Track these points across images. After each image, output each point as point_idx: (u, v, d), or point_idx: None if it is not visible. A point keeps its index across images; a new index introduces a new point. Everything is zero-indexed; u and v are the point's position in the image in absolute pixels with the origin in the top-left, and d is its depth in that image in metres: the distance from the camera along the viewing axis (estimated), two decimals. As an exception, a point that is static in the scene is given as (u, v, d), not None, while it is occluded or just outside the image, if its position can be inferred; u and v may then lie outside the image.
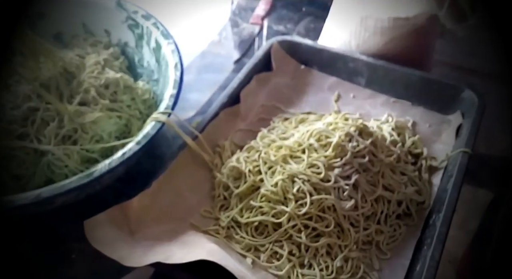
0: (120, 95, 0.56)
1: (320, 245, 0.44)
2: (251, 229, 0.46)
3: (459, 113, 0.56)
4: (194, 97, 0.68)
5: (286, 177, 0.46)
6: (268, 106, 0.61)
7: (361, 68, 0.62)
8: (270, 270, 0.43)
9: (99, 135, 0.52)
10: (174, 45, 0.55)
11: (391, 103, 0.61)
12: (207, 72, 0.74)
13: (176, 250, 0.41)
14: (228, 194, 0.49)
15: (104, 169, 0.44)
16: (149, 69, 0.61)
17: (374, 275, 0.43)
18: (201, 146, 0.51)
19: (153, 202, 0.46)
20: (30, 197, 0.41)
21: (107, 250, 0.39)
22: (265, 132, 0.55)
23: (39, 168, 0.50)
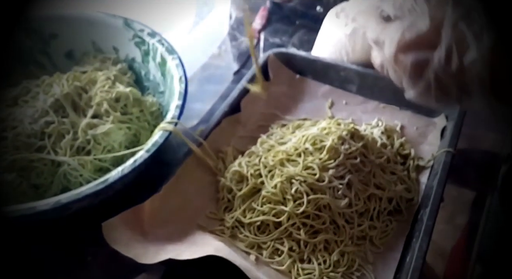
0: (130, 108, 0.58)
1: (318, 241, 0.45)
2: (254, 228, 0.48)
3: (443, 116, 0.58)
4: (197, 107, 0.70)
5: (284, 179, 0.48)
6: (267, 114, 0.63)
7: (352, 76, 0.64)
8: (272, 265, 0.45)
9: (111, 146, 0.54)
10: (178, 60, 0.57)
11: (380, 109, 0.63)
12: (208, 83, 0.76)
13: (186, 248, 0.42)
14: (232, 196, 0.51)
15: (117, 175, 0.45)
16: (155, 83, 0.63)
17: (368, 268, 0.45)
18: (205, 152, 0.53)
19: (163, 205, 0.47)
20: (50, 203, 0.43)
21: (122, 249, 0.41)
22: (265, 138, 0.57)
23: (56, 177, 0.51)
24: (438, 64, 0.35)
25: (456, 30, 0.34)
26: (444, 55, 0.35)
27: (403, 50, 0.37)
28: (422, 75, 0.37)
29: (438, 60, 0.35)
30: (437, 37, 0.35)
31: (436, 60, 0.35)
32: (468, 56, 0.34)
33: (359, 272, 0.45)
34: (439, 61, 0.35)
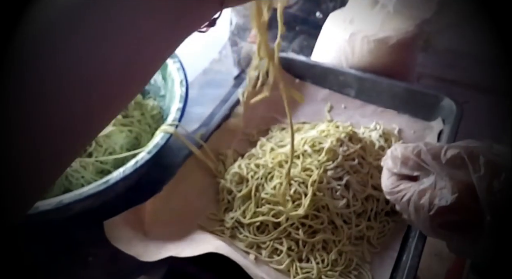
0: (131, 111, 0.59)
1: (316, 241, 0.47)
2: (253, 228, 0.49)
3: (440, 120, 0.59)
4: (197, 111, 0.71)
5: (283, 180, 0.49)
6: (267, 117, 0.65)
7: (351, 81, 0.65)
8: (271, 264, 0.46)
9: (112, 148, 0.56)
10: (179, 63, 0.59)
11: (378, 113, 0.64)
12: (209, 88, 0.78)
13: (186, 246, 0.44)
14: (232, 197, 0.52)
15: (119, 176, 0.47)
16: (156, 86, 0.64)
17: (366, 267, 0.46)
18: (205, 154, 0.55)
19: (163, 206, 0.49)
20: (53, 203, 0.44)
21: (124, 247, 0.42)
22: (264, 141, 0.58)
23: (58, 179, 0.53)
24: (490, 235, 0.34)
25: (493, 194, 0.33)
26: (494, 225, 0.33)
27: (437, 221, 0.36)
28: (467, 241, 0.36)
29: (490, 231, 0.33)
30: (473, 202, 0.34)
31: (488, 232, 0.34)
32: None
33: (357, 271, 0.46)
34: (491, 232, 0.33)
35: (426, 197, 0.37)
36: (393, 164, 0.41)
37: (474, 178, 0.34)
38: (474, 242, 0.35)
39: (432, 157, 0.37)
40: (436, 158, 0.37)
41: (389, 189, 0.41)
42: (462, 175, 0.35)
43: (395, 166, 0.41)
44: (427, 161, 0.37)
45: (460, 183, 0.35)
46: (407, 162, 0.40)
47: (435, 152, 0.37)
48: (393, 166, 0.41)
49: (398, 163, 0.41)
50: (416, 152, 0.39)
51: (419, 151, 0.38)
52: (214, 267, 0.43)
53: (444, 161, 0.36)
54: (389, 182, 0.42)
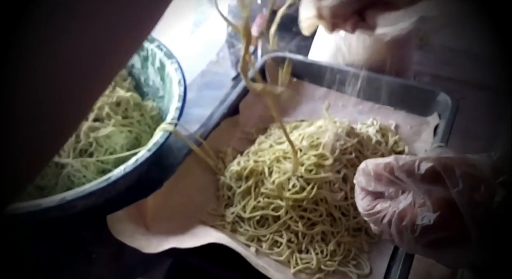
0: (131, 112, 0.61)
1: (315, 233, 0.49)
2: (254, 222, 0.51)
3: (436, 115, 0.61)
4: (196, 112, 0.74)
5: (282, 174, 0.51)
6: (265, 116, 0.67)
7: (348, 78, 0.67)
8: (271, 256, 0.48)
9: (113, 148, 0.58)
10: (177, 64, 0.61)
11: (376, 109, 0.66)
12: (207, 89, 0.80)
13: (188, 239, 0.46)
14: (232, 193, 0.54)
15: (120, 173, 0.49)
16: (155, 87, 0.66)
17: (364, 256, 0.48)
18: (205, 152, 0.57)
19: (164, 202, 0.51)
20: (55, 200, 0.46)
21: (127, 240, 0.44)
22: (263, 139, 0.60)
23: (60, 179, 0.55)
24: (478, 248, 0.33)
25: (475, 207, 0.32)
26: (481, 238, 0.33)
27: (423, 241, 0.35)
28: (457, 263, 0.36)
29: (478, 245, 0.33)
30: (456, 217, 0.33)
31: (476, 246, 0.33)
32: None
33: (355, 260, 0.48)
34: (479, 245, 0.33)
35: (407, 218, 0.35)
36: (366, 182, 0.39)
37: (454, 193, 0.33)
38: (463, 254, 0.34)
39: (406, 174, 0.35)
40: (410, 174, 0.35)
41: (366, 210, 0.39)
42: (440, 190, 0.34)
43: (368, 184, 0.39)
44: (402, 177, 0.36)
45: (439, 199, 0.34)
46: (381, 178, 0.38)
47: (408, 168, 0.35)
48: (367, 184, 0.39)
49: (371, 180, 0.39)
50: (389, 169, 0.37)
51: (392, 167, 0.36)
52: (215, 259, 0.45)
53: (419, 177, 0.35)
54: (365, 203, 0.40)
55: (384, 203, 0.38)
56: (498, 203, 0.32)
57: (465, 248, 0.33)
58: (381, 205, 0.38)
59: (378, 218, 0.38)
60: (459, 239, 0.33)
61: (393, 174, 0.36)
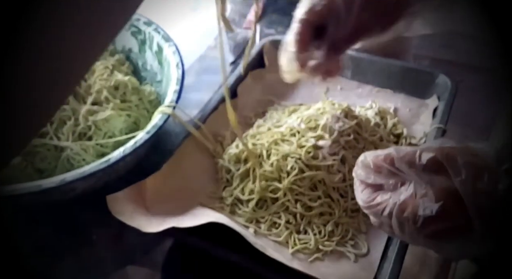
0: (129, 96, 0.62)
1: (314, 214, 0.50)
2: (252, 204, 0.52)
3: (435, 97, 0.62)
4: (195, 97, 0.74)
5: (280, 157, 0.52)
6: (263, 100, 0.68)
7: (346, 61, 0.68)
8: (270, 237, 0.49)
9: (112, 132, 0.59)
10: (174, 47, 0.62)
11: (374, 93, 0.67)
12: (205, 74, 0.80)
13: (188, 219, 0.47)
14: (230, 176, 0.55)
15: (119, 155, 0.50)
16: (153, 72, 0.67)
17: (361, 237, 0.49)
18: (204, 135, 0.58)
19: (164, 183, 0.52)
20: (56, 181, 0.47)
21: (127, 219, 0.45)
22: (261, 122, 0.61)
23: (59, 162, 0.56)
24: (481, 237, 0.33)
25: (478, 195, 0.32)
26: (485, 227, 0.33)
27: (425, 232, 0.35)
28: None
29: (481, 233, 0.33)
30: (459, 207, 0.33)
31: (479, 234, 0.33)
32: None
33: (353, 240, 0.49)
34: (482, 234, 0.33)
35: (409, 210, 0.35)
36: (365, 174, 0.39)
37: (456, 182, 0.33)
38: (466, 245, 0.35)
39: (407, 165, 0.35)
40: (411, 165, 0.35)
41: (366, 203, 0.39)
42: (442, 180, 0.34)
43: (368, 176, 0.39)
44: (402, 168, 0.36)
45: (441, 189, 0.34)
46: (380, 170, 0.38)
47: (409, 159, 0.35)
48: (366, 176, 0.39)
49: (370, 172, 0.39)
50: (389, 160, 0.36)
51: (392, 158, 0.36)
52: (215, 239, 0.46)
53: (420, 168, 0.34)
54: (365, 196, 0.39)
55: (384, 195, 0.38)
56: (502, 191, 0.32)
57: (468, 239, 0.33)
58: (381, 197, 0.38)
59: (379, 210, 0.37)
60: (462, 229, 0.33)
61: (393, 165, 0.36)
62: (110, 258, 0.53)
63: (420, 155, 0.35)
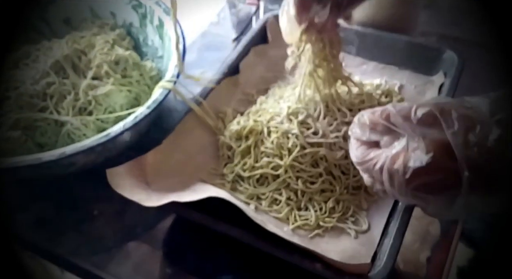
0: (130, 71, 0.62)
1: (315, 191, 0.50)
2: (253, 181, 0.52)
3: (441, 73, 0.62)
4: (197, 74, 0.74)
5: (280, 134, 0.52)
6: (266, 77, 0.67)
7: (352, 37, 0.68)
8: (271, 213, 0.50)
9: (112, 107, 0.59)
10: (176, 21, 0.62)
11: (380, 69, 0.67)
12: (208, 51, 0.80)
13: (188, 194, 0.47)
14: (232, 153, 0.55)
15: (119, 130, 0.50)
16: (154, 47, 0.67)
17: (362, 213, 0.50)
18: (205, 111, 0.58)
19: (164, 159, 0.52)
20: (55, 154, 0.47)
21: (127, 193, 0.46)
22: (264, 98, 0.61)
23: (60, 137, 0.56)
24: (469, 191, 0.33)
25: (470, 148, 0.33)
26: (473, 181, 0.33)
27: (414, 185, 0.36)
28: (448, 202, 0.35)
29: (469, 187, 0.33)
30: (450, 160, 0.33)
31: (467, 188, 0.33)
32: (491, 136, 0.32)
33: (353, 217, 0.50)
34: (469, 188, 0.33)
35: (399, 161, 0.36)
36: (361, 131, 0.40)
37: (448, 133, 0.33)
38: (451, 201, 0.35)
39: (402, 119, 0.36)
40: (406, 119, 0.36)
41: (360, 159, 0.40)
42: (435, 133, 0.34)
43: (363, 133, 0.40)
44: (397, 123, 0.37)
45: (433, 141, 0.35)
46: (376, 127, 0.39)
47: (405, 113, 0.36)
48: (362, 134, 0.40)
49: (366, 129, 0.39)
50: (385, 115, 0.37)
51: (388, 114, 0.37)
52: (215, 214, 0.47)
53: (415, 121, 0.35)
54: (359, 152, 0.40)
55: (378, 151, 0.39)
56: (493, 141, 0.32)
57: (455, 194, 0.34)
58: (375, 152, 0.39)
59: (371, 164, 0.38)
60: (450, 183, 0.34)
61: (389, 120, 0.37)
62: (111, 234, 0.54)
63: (416, 109, 0.36)
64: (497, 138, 0.32)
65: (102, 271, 0.50)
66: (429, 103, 0.36)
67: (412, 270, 0.48)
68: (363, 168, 0.40)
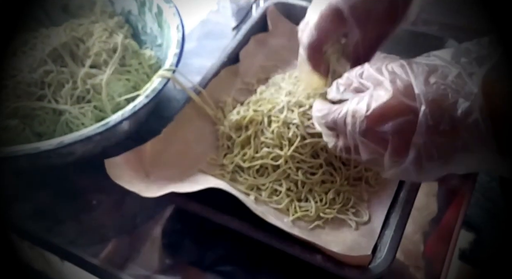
0: (128, 59, 0.61)
1: (315, 181, 0.50)
2: (253, 171, 0.52)
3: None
4: (197, 63, 0.73)
5: (281, 124, 0.51)
6: (266, 66, 0.66)
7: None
8: (271, 204, 0.49)
9: (111, 96, 0.58)
10: (174, 8, 0.61)
11: (381, 58, 0.66)
12: (207, 39, 0.79)
13: (188, 184, 0.47)
14: (231, 143, 0.55)
15: (117, 119, 0.49)
16: (153, 35, 0.66)
17: (363, 205, 0.49)
18: (204, 100, 0.57)
19: (163, 149, 0.52)
20: (54, 143, 0.46)
21: (126, 184, 0.45)
22: (264, 88, 0.60)
23: (58, 126, 0.55)
24: (426, 126, 0.33)
25: (430, 86, 0.33)
26: (429, 113, 0.33)
27: (376, 123, 0.36)
28: (407, 146, 0.35)
29: (425, 121, 0.33)
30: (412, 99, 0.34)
31: (423, 121, 0.33)
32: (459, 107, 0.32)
33: (354, 208, 0.49)
34: (426, 122, 0.33)
35: (363, 101, 0.36)
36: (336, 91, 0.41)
37: (412, 76, 0.34)
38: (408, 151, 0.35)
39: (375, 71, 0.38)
40: (378, 71, 0.37)
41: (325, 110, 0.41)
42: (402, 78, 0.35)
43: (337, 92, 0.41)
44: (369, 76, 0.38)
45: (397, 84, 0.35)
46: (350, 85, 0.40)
47: (377, 67, 0.38)
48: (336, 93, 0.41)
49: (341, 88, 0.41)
50: (360, 73, 0.39)
51: (362, 72, 0.39)
52: (214, 205, 0.46)
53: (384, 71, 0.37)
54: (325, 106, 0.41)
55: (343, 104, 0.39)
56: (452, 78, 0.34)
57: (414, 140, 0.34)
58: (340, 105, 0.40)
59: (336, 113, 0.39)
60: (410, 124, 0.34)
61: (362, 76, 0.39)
62: (110, 224, 0.53)
63: (387, 64, 0.38)
64: (456, 75, 0.33)
65: (100, 261, 0.49)
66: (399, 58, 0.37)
67: (413, 262, 0.48)
68: (326, 121, 0.40)
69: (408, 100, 0.34)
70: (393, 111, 0.35)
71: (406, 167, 0.36)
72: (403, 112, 0.34)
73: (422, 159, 0.35)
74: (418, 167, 0.35)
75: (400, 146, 0.35)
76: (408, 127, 0.34)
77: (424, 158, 0.35)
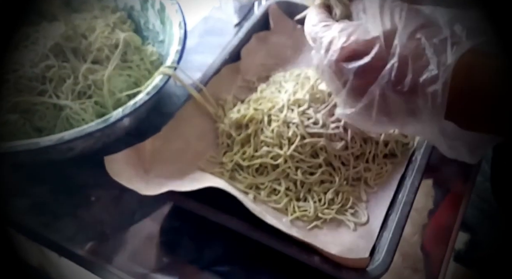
0: (130, 55, 0.61)
1: (314, 181, 0.49)
2: (252, 170, 0.51)
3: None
4: (198, 59, 0.73)
5: (281, 123, 0.51)
6: (267, 64, 0.66)
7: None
8: (269, 204, 0.49)
9: (112, 92, 0.58)
10: (177, 5, 0.60)
11: None
12: (209, 36, 0.78)
13: (187, 183, 0.47)
14: (231, 141, 0.55)
15: (118, 115, 0.49)
16: (155, 31, 0.66)
17: (362, 205, 0.49)
18: (205, 98, 0.57)
19: (163, 146, 0.51)
20: (54, 139, 0.46)
21: (125, 181, 0.45)
22: (264, 86, 0.60)
23: (59, 121, 0.55)
24: (387, 79, 0.32)
25: (412, 41, 0.32)
26: (396, 69, 0.32)
27: (346, 57, 0.34)
28: (364, 91, 0.34)
29: (389, 74, 0.32)
30: (389, 47, 0.33)
31: (386, 74, 0.32)
32: (426, 72, 0.31)
33: (353, 209, 0.49)
34: (389, 75, 0.32)
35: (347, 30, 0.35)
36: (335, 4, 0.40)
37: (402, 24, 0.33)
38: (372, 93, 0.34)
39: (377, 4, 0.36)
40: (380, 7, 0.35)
41: (314, 24, 0.40)
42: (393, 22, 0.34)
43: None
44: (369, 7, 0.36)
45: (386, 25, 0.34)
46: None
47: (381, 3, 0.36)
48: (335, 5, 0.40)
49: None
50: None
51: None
52: (213, 204, 0.46)
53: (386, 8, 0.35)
54: (318, 18, 0.40)
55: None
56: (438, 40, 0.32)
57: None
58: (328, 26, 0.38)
59: (320, 33, 0.38)
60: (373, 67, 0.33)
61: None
62: (108, 220, 0.53)
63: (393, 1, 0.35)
64: (441, 40, 0.32)
65: (98, 258, 0.49)
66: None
67: (411, 263, 0.48)
68: (310, 33, 0.40)
69: (385, 46, 0.33)
70: (366, 52, 0.34)
71: (356, 112, 0.35)
72: (375, 57, 0.33)
73: (373, 109, 0.34)
74: (367, 116, 0.35)
75: (357, 89, 0.34)
76: (371, 74, 0.33)
77: (374, 109, 0.34)
